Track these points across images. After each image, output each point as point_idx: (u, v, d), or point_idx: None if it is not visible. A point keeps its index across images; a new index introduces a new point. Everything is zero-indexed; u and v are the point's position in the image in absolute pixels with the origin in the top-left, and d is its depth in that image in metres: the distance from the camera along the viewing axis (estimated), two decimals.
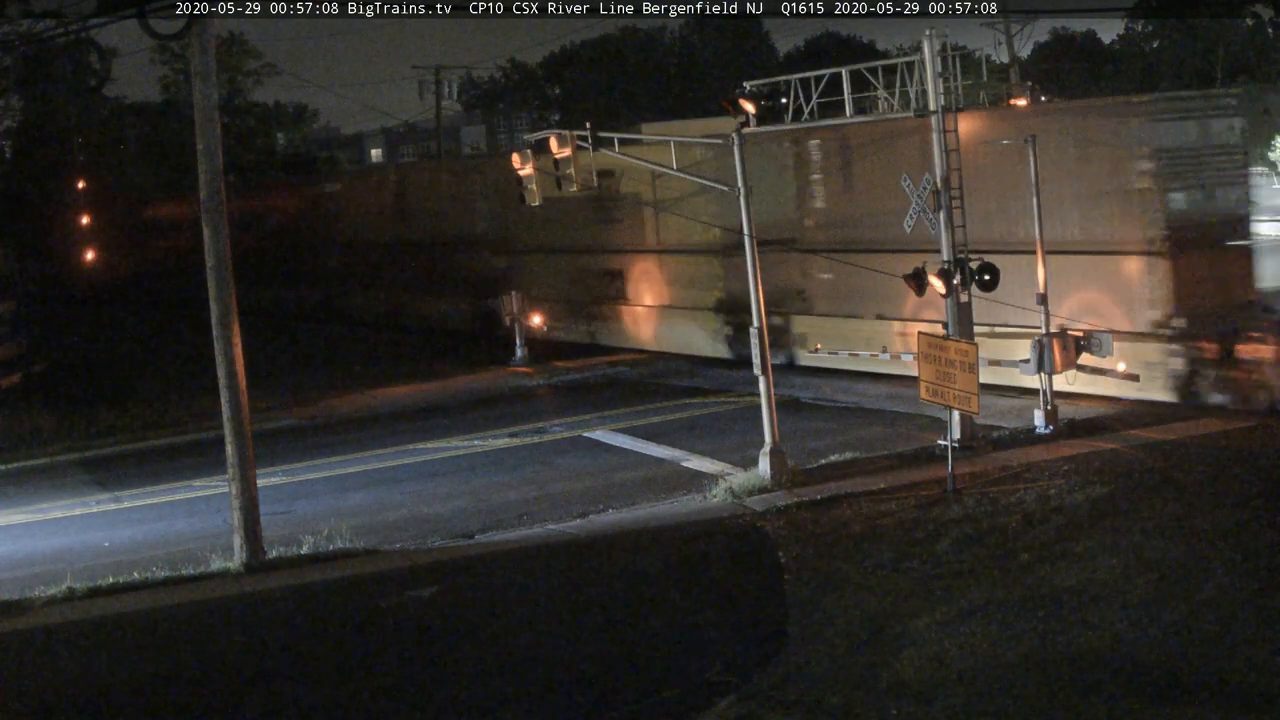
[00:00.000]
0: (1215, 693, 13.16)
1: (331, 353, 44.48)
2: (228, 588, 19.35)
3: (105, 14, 20.27)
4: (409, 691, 15.15)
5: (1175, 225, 25.80)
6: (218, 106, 20.58)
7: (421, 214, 49.69)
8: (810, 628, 15.93)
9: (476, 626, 17.23)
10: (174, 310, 56.58)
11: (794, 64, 69.73)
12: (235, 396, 20.43)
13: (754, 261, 23.03)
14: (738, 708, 13.88)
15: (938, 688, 13.79)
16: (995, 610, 15.71)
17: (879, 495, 21.21)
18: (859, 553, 18.52)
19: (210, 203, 20.34)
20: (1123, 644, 14.43)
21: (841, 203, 32.62)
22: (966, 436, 23.52)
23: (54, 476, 28.76)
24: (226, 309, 20.38)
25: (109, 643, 17.65)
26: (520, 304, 38.94)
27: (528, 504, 23.01)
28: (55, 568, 20.56)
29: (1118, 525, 18.46)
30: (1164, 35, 76.53)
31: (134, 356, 46.82)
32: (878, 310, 31.01)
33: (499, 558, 20.03)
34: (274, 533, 21.02)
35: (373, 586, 18.96)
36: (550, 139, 25.73)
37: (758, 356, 22.99)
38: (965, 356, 20.60)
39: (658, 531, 20.64)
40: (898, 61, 24.70)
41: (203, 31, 19.93)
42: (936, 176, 23.85)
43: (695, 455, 25.49)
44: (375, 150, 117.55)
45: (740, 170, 23.30)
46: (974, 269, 23.75)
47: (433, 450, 28.17)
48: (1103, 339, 24.30)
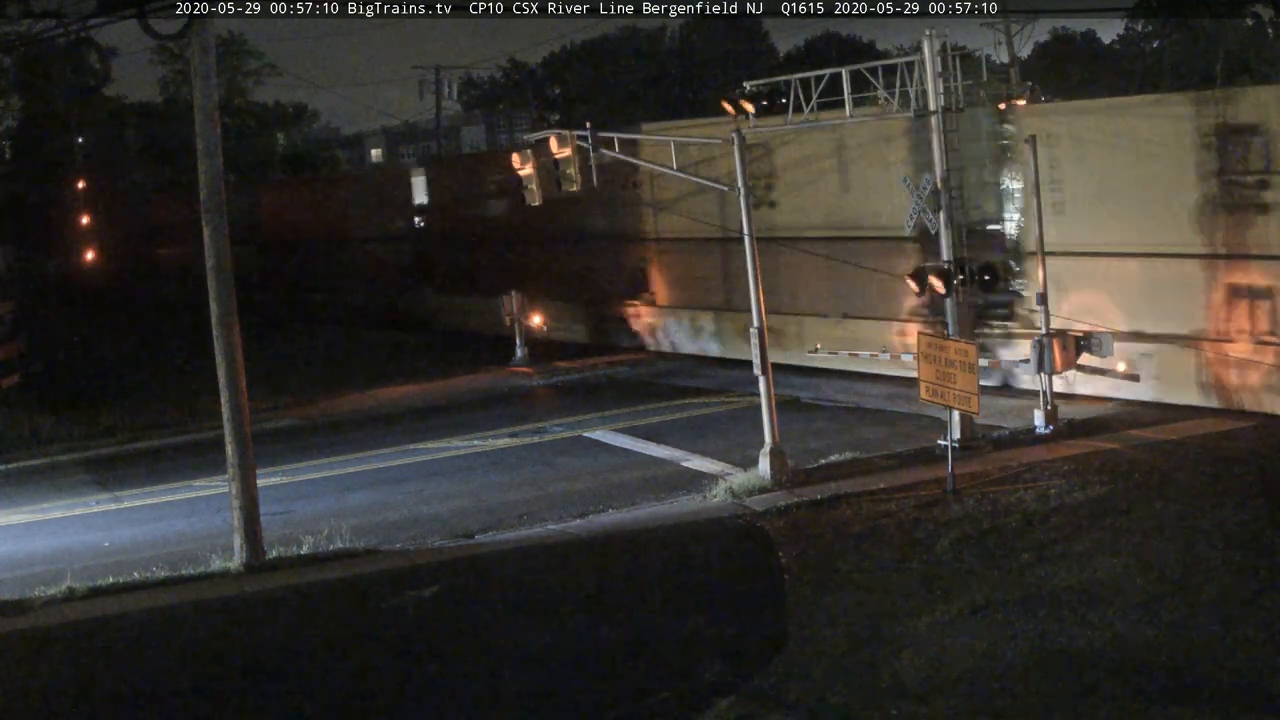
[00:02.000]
0: (1215, 693, 13.15)
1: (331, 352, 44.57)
2: (228, 588, 19.34)
3: (105, 14, 20.24)
4: (409, 691, 15.14)
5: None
6: (218, 106, 20.58)
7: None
8: (810, 628, 15.93)
9: (477, 626, 17.23)
10: (175, 310, 56.65)
11: (794, 64, 69.67)
12: (235, 397, 20.42)
13: (754, 261, 23.02)
14: (738, 708, 13.87)
15: (938, 688, 13.78)
16: (995, 610, 15.71)
17: (879, 495, 21.20)
18: (859, 553, 18.51)
19: (210, 203, 20.33)
20: (1123, 644, 14.43)
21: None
22: (966, 436, 23.51)
23: (54, 476, 28.77)
24: (226, 309, 20.36)
25: (109, 643, 17.64)
26: (520, 304, 38.93)
27: (528, 504, 23.01)
28: (55, 568, 20.56)
29: (1118, 525, 18.46)
30: (1164, 35, 76.51)
31: (134, 356, 46.83)
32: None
33: (499, 558, 20.02)
34: (274, 533, 21.02)
35: (373, 586, 18.95)
36: (550, 139, 25.72)
37: (758, 356, 22.98)
38: (965, 356, 20.60)
39: (658, 531, 20.64)
40: (898, 61, 24.70)
41: (202, 31, 19.93)
42: (937, 176, 23.87)
43: (695, 455, 25.49)
44: (375, 150, 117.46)
45: (740, 171, 23.29)
46: (974, 269, 23.78)
47: (433, 450, 28.17)
48: (1103, 339, 24.29)
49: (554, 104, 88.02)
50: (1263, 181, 23.99)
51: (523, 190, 27.09)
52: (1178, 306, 25.37)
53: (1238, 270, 24.62)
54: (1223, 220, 24.62)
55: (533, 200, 27.08)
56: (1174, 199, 25.23)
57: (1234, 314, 24.69)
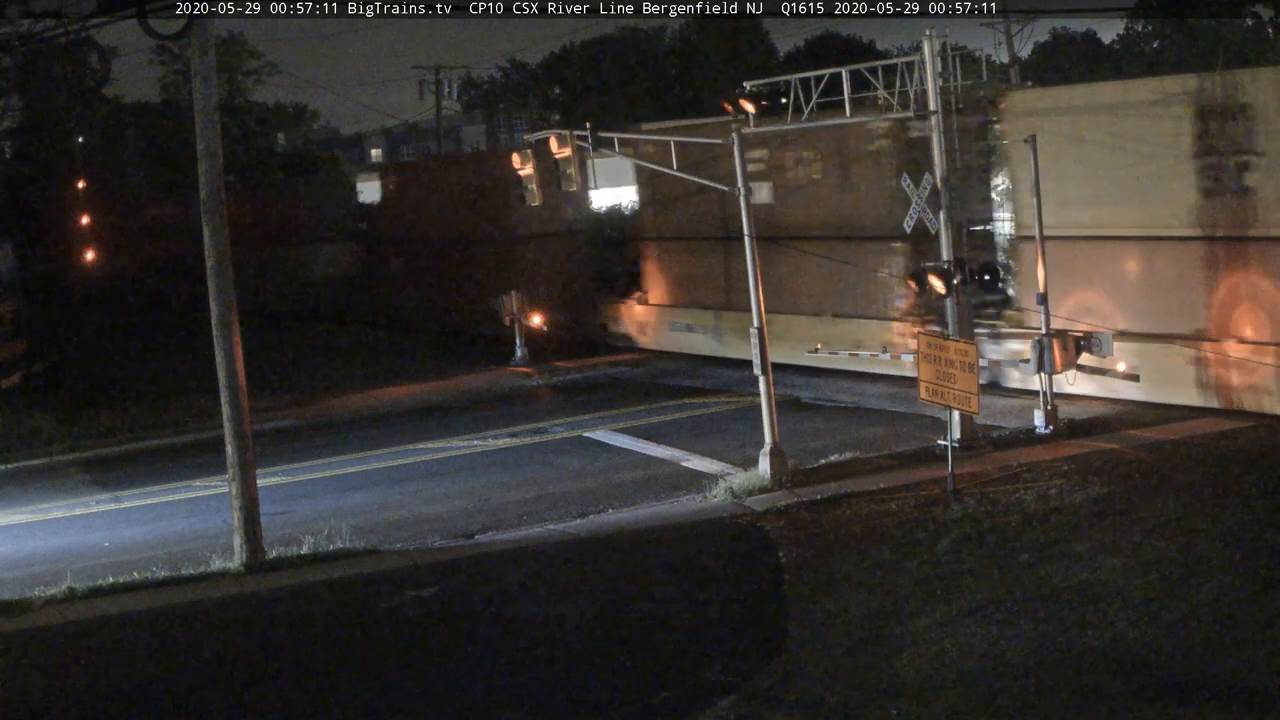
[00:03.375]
0: (1215, 693, 13.15)
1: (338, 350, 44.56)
2: (228, 588, 19.34)
3: (105, 14, 20.26)
4: (409, 691, 15.15)
5: None
6: (218, 106, 20.58)
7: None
8: (810, 628, 15.93)
9: (476, 626, 17.22)
10: (175, 310, 56.67)
11: (794, 64, 69.66)
12: (235, 396, 20.42)
13: (754, 261, 23.02)
14: (738, 708, 13.87)
15: (938, 688, 13.78)
16: (995, 610, 15.71)
17: (879, 495, 21.21)
18: (859, 553, 18.51)
19: (210, 203, 20.33)
20: (1123, 644, 14.43)
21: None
22: (966, 436, 23.51)
23: (54, 476, 28.77)
24: (226, 309, 20.37)
25: (109, 643, 17.65)
26: (520, 304, 38.93)
27: (528, 504, 23.01)
28: (55, 568, 20.56)
29: (1118, 525, 18.46)
30: (1164, 35, 76.56)
31: (134, 356, 46.83)
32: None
33: (499, 558, 20.03)
34: (274, 533, 21.03)
35: (373, 586, 18.96)
36: (550, 139, 25.73)
37: (757, 356, 22.98)
38: (965, 357, 20.60)
39: (658, 531, 20.65)
40: (898, 61, 24.70)
41: (202, 31, 19.93)
42: (938, 177, 23.87)
43: (695, 455, 25.49)
44: (375, 150, 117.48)
45: (740, 171, 23.29)
46: (974, 269, 23.78)
47: (433, 450, 28.17)
48: (1103, 338, 24.29)
49: (554, 104, 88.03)
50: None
51: (522, 190, 27.15)
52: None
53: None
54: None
55: (533, 200, 27.13)
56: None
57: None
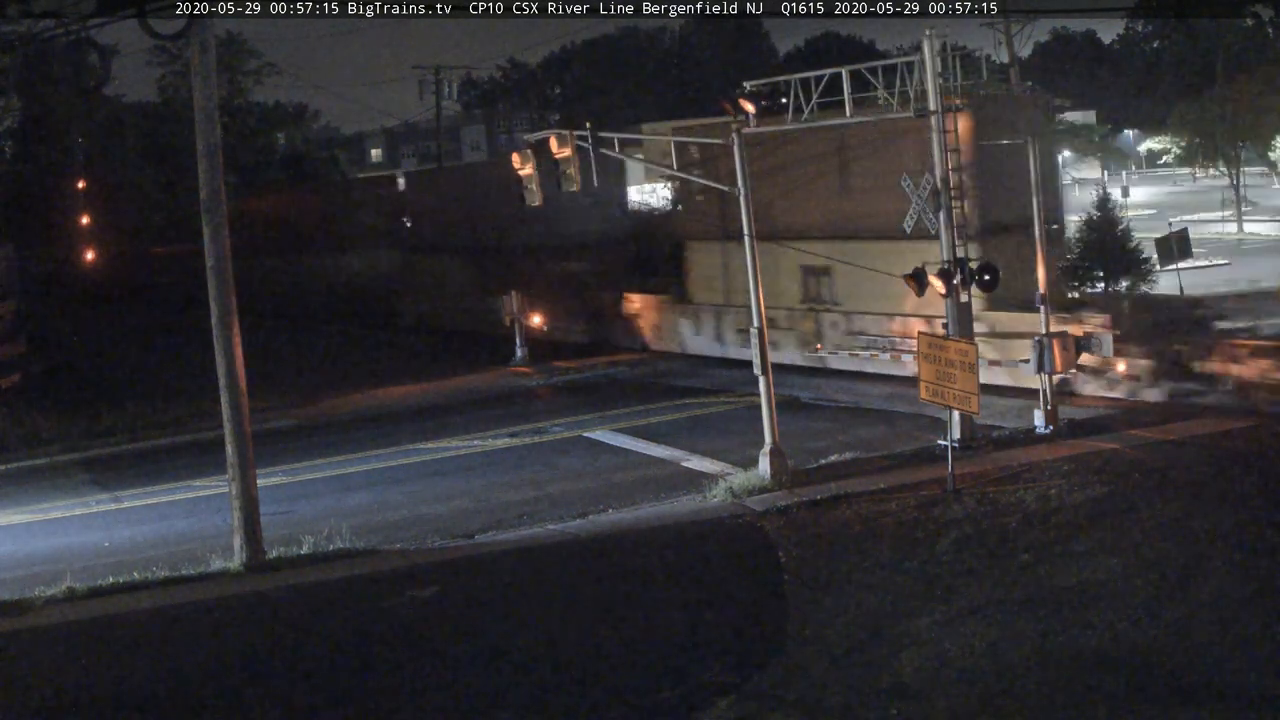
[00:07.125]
0: (1215, 693, 13.16)
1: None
2: (228, 588, 19.33)
3: (105, 14, 20.23)
4: (409, 691, 15.14)
5: None
6: (218, 106, 20.58)
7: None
8: (810, 628, 15.93)
9: (476, 626, 17.22)
10: (175, 311, 56.64)
11: (794, 64, 69.70)
12: (235, 397, 20.42)
13: (754, 261, 23.01)
14: (738, 708, 13.87)
15: (938, 688, 13.78)
16: (995, 610, 15.71)
17: (879, 495, 21.20)
18: (859, 553, 18.51)
19: (210, 203, 20.33)
20: (1123, 644, 14.43)
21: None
22: (966, 436, 23.52)
23: (54, 476, 28.77)
24: (226, 309, 20.36)
25: (109, 643, 17.64)
26: (520, 304, 38.91)
27: (528, 504, 23.00)
28: (55, 568, 20.56)
29: (1118, 525, 18.46)
30: (1164, 35, 76.59)
31: (134, 356, 46.82)
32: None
33: (499, 558, 20.02)
34: (274, 533, 21.02)
35: (373, 586, 18.95)
36: (550, 139, 25.72)
37: (757, 356, 22.97)
38: (965, 356, 20.60)
39: (658, 531, 20.64)
40: (898, 61, 24.69)
41: (202, 31, 19.94)
42: (937, 176, 23.85)
43: (695, 455, 25.49)
44: (375, 150, 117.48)
45: (740, 170, 23.28)
46: (974, 269, 23.77)
47: (433, 450, 28.17)
48: (1103, 339, 24.30)
49: (554, 104, 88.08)
50: None
51: (522, 190, 27.12)
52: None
53: None
54: None
55: (533, 201, 27.09)
56: None
57: None
